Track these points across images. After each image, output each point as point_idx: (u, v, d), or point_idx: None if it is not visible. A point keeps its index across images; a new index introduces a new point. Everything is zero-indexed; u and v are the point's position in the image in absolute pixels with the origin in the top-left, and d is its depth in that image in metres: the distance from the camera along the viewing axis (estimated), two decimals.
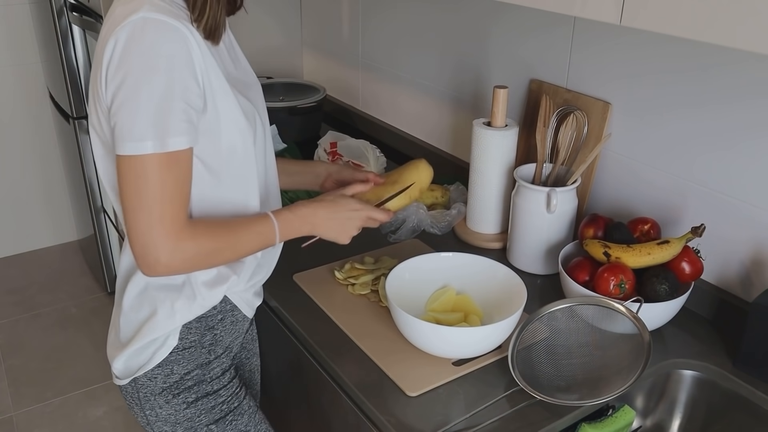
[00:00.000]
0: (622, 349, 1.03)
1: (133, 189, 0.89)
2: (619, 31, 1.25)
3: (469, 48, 1.63)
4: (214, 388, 1.10)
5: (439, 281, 1.21)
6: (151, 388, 1.06)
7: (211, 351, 1.09)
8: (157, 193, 0.89)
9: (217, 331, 1.09)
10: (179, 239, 0.91)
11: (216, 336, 1.09)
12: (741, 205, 1.14)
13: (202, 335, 1.07)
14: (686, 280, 1.14)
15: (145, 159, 0.87)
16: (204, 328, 1.07)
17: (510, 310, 1.07)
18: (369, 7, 1.96)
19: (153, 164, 0.88)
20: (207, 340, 1.07)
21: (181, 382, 1.07)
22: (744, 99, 1.09)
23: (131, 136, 0.86)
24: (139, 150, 0.87)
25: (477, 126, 1.35)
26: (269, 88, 2.14)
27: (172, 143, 0.88)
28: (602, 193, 1.37)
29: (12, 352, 2.55)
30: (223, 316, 1.09)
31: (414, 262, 1.18)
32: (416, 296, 1.17)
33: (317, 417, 1.22)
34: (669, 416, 1.15)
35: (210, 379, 1.09)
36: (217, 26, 0.95)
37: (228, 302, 1.09)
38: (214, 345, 1.09)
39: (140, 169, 0.88)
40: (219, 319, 1.08)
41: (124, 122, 0.87)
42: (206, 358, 1.08)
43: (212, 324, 1.08)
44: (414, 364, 1.06)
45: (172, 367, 1.06)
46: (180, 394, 1.07)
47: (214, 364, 1.10)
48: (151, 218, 0.89)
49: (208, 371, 1.09)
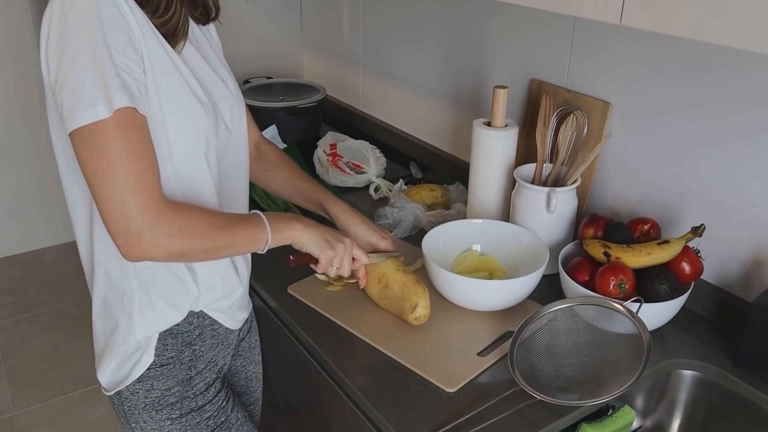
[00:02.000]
0: (622, 349, 1.03)
1: (96, 160, 0.82)
2: (619, 31, 1.25)
3: (469, 48, 1.63)
4: (199, 404, 1.07)
5: (466, 246, 1.32)
6: (135, 402, 1.04)
7: (191, 367, 1.06)
8: (124, 158, 0.82)
9: (196, 347, 1.06)
10: (160, 210, 0.85)
11: (195, 351, 1.06)
12: (741, 205, 1.13)
13: (179, 351, 1.04)
14: (686, 280, 1.14)
15: (102, 124, 0.81)
16: (181, 344, 1.04)
17: (533, 268, 1.18)
18: (369, 7, 1.96)
19: (111, 128, 0.81)
20: (186, 357, 1.05)
21: (162, 398, 1.04)
22: (744, 99, 1.09)
23: (80, 105, 0.81)
24: (93, 117, 0.81)
25: (477, 126, 1.35)
26: (269, 88, 2.14)
27: (118, 100, 0.82)
28: (602, 193, 1.37)
29: (12, 352, 2.55)
30: (202, 331, 1.06)
31: (446, 227, 1.30)
32: (443, 259, 1.27)
33: (317, 417, 1.22)
34: (669, 416, 1.15)
35: (194, 395, 1.06)
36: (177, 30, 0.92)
37: (206, 317, 1.06)
38: (194, 361, 1.06)
39: (100, 136, 0.81)
40: (197, 335, 1.05)
41: (71, 94, 0.81)
42: (187, 374, 1.05)
43: (189, 340, 1.05)
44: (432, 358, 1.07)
45: (152, 383, 1.03)
46: (163, 410, 1.05)
47: (197, 379, 1.07)
48: (125, 186, 0.82)
49: (190, 387, 1.06)
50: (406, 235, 1.45)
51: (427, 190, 1.57)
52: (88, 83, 0.81)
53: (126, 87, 0.83)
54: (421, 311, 1.12)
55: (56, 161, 0.98)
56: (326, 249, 1.07)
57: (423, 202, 1.53)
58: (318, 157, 1.76)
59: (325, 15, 2.20)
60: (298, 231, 1.05)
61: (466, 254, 1.31)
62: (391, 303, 1.16)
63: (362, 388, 1.03)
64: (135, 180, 0.83)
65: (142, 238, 0.84)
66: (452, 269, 1.27)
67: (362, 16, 2.01)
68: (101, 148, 0.82)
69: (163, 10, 0.90)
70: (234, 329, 1.13)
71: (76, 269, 3.07)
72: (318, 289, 1.26)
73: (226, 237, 0.94)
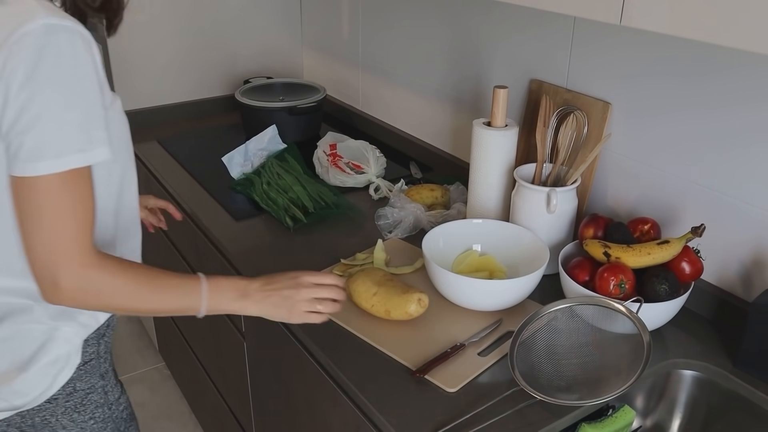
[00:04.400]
0: (622, 349, 1.03)
1: (36, 206, 0.81)
2: (619, 31, 1.25)
3: (469, 48, 1.63)
4: (116, 396, 1.07)
5: (466, 246, 1.32)
6: (51, 410, 0.99)
7: (106, 359, 1.06)
8: (63, 211, 0.82)
9: (107, 338, 1.06)
10: (83, 265, 0.84)
11: (107, 343, 1.06)
12: (741, 205, 1.13)
13: (98, 345, 1.03)
14: (686, 280, 1.14)
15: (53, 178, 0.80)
16: (98, 337, 1.03)
17: (533, 268, 1.18)
18: (369, 7, 1.96)
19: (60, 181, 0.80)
20: (102, 349, 1.04)
21: (85, 398, 1.02)
22: (744, 99, 1.09)
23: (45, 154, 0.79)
24: (55, 168, 0.79)
25: (477, 126, 1.35)
26: (269, 88, 2.14)
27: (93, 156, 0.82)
28: (602, 193, 1.37)
29: None
30: (110, 321, 1.06)
31: (446, 227, 1.30)
32: (444, 259, 1.28)
33: (317, 417, 1.22)
34: (669, 416, 1.15)
35: (111, 388, 1.06)
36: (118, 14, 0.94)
37: None
38: (107, 353, 1.06)
39: (46, 186, 0.80)
40: (107, 326, 1.05)
41: (40, 139, 0.79)
42: (105, 368, 1.05)
43: (103, 331, 1.04)
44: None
45: (75, 384, 0.99)
46: (86, 410, 1.02)
47: (110, 372, 1.07)
48: (52, 236, 0.82)
49: (108, 380, 1.06)
50: (406, 235, 1.45)
51: (427, 190, 1.57)
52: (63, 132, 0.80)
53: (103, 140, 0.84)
54: (425, 299, 1.14)
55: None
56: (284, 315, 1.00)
57: (423, 202, 1.53)
58: (318, 157, 1.76)
59: (325, 15, 2.20)
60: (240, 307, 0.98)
61: (467, 254, 1.31)
62: (385, 300, 1.15)
63: (362, 388, 1.03)
64: (63, 232, 0.82)
65: (57, 287, 0.84)
66: (452, 269, 1.27)
67: (362, 16, 2.01)
68: (43, 197, 0.81)
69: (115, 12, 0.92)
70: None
71: None
72: None
73: (151, 303, 0.92)
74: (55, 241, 0.82)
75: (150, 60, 2.11)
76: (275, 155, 1.78)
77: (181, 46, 2.15)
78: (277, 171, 1.66)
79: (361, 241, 1.44)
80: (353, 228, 1.50)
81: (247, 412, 1.62)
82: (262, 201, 1.58)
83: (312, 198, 1.57)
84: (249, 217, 1.55)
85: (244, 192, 1.66)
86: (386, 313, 1.15)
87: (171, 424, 2.26)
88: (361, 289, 1.18)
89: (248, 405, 1.59)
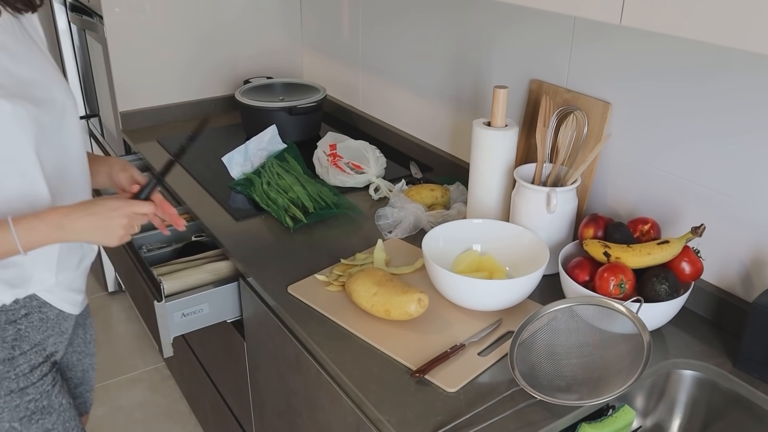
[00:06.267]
0: (622, 349, 1.03)
1: None
2: (619, 31, 1.25)
3: (469, 48, 1.63)
4: (20, 386, 1.06)
5: (466, 246, 1.33)
6: None
7: (15, 347, 1.05)
8: None
9: (21, 326, 1.05)
10: None
11: (20, 331, 1.05)
12: (741, 205, 1.13)
13: (2, 329, 1.03)
14: (686, 280, 1.14)
15: None
16: (4, 321, 1.03)
17: (533, 268, 1.19)
18: (369, 8, 1.96)
19: None
20: (9, 335, 1.04)
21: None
22: (744, 99, 1.09)
23: None
24: None
25: (477, 126, 1.35)
26: (269, 88, 2.14)
27: None
28: (602, 193, 1.37)
29: None
30: (29, 311, 1.06)
31: (446, 227, 1.30)
32: (444, 259, 1.28)
33: (317, 417, 1.22)
34: (669, 416, 1.15)
35: (15, 376, 1.06)
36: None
37: (35, 298, 1.06)
38: (18, 341, 1.05)
39: None
40: (23, 314, 1.05)
41: None
42: (9, 354, 1.04)
43: (14, 318, 1.04)
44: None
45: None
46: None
47: (20, 360, 1.06)
48: None
49: (12, 367, 1.05)
50: (406, 235, 1.45)
51: (427, 190, 1.57)
52: None
53: None
54: (425, 299, 1.14)
55: None
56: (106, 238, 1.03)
57: (423, 202, 1.53)
58: (318, 157, 1.76)
59: (325, 15, 2.20)
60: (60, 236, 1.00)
61: (467, 254, 1.31)
62: (385, 300, 1.15)
63: (362, 388, 1.03)
64: None
65: None
66: (452, 269, 1.27)
67: (362, 16, 2.01)
68: None
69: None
70: (71, 314, 1.13)
71: None
72: (318, 289, 1.26)
73: None
74: None
75: (150, 60, 2.11)
76: (275, 155, 1.78)
77: (181, 47, 2.15)
78: (277, 171, 1.66)
79: (361, 241, 1.44)
80: (353, 228, 1.50)
81: (247, 412, 1.62)
82: (262, 201, 1.58)
83: (312, 198, 1.57)
84: (249, 217, 1.55)
85: (244, 192, 1.66)
86: (386, 313, 1.15)
87: (171, 424, 2.26)
88: (361, 289, 1.18)
89: (248, 405, 1.59)
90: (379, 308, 1.15)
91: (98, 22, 2.03)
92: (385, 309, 1.15)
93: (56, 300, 1.10)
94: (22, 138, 0.98)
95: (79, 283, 1.17)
